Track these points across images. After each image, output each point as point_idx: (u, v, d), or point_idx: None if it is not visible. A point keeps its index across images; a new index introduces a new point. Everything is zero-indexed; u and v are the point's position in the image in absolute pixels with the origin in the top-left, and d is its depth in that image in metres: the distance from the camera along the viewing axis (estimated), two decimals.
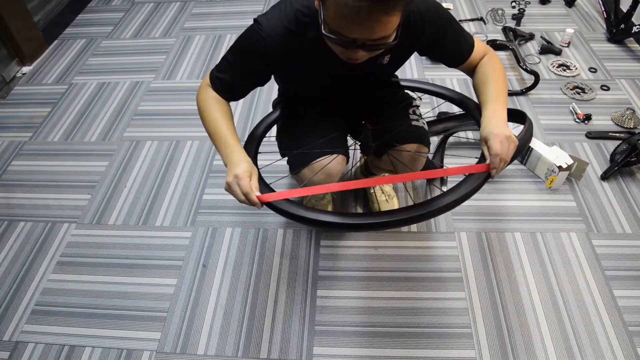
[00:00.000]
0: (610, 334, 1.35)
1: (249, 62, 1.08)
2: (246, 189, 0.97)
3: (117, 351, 1.38)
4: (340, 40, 0.88)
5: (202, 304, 1.48)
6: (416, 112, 1.38)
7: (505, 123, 1.02)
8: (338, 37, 0.88)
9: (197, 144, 2.03)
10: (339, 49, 0.93)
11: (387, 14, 0.81)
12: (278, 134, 1.41)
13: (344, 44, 0.89)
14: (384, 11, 0.81)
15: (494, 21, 2.69)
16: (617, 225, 1.62)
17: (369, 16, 0.81)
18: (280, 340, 1.38)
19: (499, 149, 0.96)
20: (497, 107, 1.04)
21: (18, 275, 1.60)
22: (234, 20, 2.85)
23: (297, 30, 1.03)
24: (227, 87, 1.12)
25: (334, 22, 0.86)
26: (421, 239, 1.62)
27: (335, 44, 0.91)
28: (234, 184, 0.98)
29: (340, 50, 0.94)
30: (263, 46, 1.04)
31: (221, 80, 1.12)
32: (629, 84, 2.20)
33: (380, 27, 0.84)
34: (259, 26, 1.03)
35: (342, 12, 0.82)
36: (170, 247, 1.65)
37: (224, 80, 1.11)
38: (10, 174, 1.98)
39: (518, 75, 2.28)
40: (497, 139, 0.97)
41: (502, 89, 1.09)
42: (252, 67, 1.09)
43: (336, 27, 0.86)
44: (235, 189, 0.98)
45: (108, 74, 2.50)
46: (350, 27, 0.84)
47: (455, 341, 1.35)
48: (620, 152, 1.79)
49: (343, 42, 0.88)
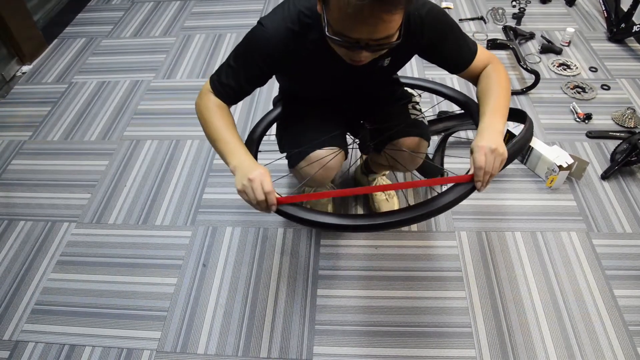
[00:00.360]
0: (610, 333, 1.35)
1: (252, 63, 1.08)
2: (268, 189, 0.95)
3: (117, 350, 1.38)
4: (344, 42, 0.89)
5: (202, 303, 1.48)
6: (416, 107, 1.39)
7: (500, 136, 0.99)
8: (342, 39, 0.88)
9: (197, 143, 2.03)
10: (343, 50, 0.94)
11: (389, 12, 0.82)
12: (278, 131, 1.41)
13: (347, 45, 0.89)
14: (386, 10, 0.81)
15: (494, 20, 2.68)
16: (618, 225, 1.62)
17: (371, 15, 0.81)
18: (280, 340, 1.38)
19: (483, 162, 0.95)
20: (493, 120, 1.02)
21: (18, 274, 1.60)
22: (234, 19, 2.85)
23: (300, 31, 1.03)
24: (229, 91, 1.11)
25: (337, 24, 0.86)
26: (421, 238, 1.62)
27: (339, 45, 0.92)
28: (248, 187, 0.96)
29: (344, 52, 0.94)
30: (267, 46, 1.04)
31: (223, 84, 1.11)
32: (630, 83, 2.20)
33: (383, 26, 0.84)
34: (262, 27, 1.04)
35: (345, 13, 0.83)
36: (171, 246, 1.65)
37: (226, 84, 1.10)
38: (10, 173, 1.98)
39: (518, 75, 2.28)
40: (481, 151, 0.95)
41: (503, 100, 1.06)
42: (256, 68, 1.09)
43: (339, 29, 0.87)
44: (250, 191, 0.96)
45: (108, 73, 2.50)
46: (354, 27, 0.85)
47: (455, 340, 1.35)
48: (621, 152, 1.79)
49: (347, 43, 0.89)
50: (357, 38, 0.87)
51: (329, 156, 1.27)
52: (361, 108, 1.41)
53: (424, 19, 1.05)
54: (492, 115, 1.03)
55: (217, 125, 1.08)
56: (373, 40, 0.87)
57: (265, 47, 1.04)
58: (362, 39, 0.87)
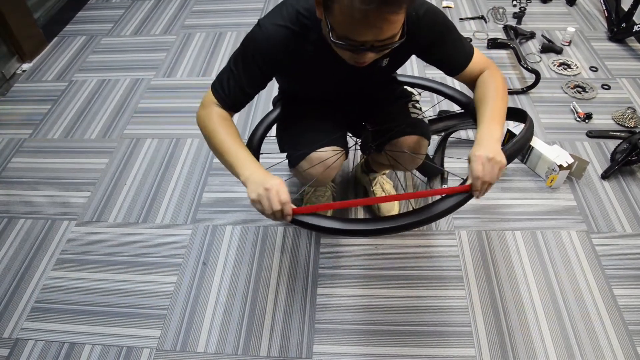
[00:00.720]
0: (610, 332, 1.35)
1: (253, 65, 1.06)
2: (285, 199, 0.94)
3: (117, 348, 1.38)
4: (349, 45, 0.88)
5: (202, 302, 1.48)
6: (416, 106, 1.39)
7: (498, 143, 0.98)
8: (347, 43, 0.88)
9: (197, 141, 2.03)
10: (347, 54, 0.93)
11: (395, 12, 0.82)
12: (278, 131, 1.41)
13: (353, 48, 0.89)
14: (392, 11, 0.81)
15: (495, 20, 2.68)
16: (618, 225, 1.62)
17: (378, 17, 0.81)
18: (280, 338, 1.38)
19: (480, 171, 0.95)
20: (490, 128, 1.01)
21: (18, 272, 1.60)
22: (234, 18, 2.85)
23: (300, 32, 1.03)
24: (232, 96, 1.09)
25: (342, 28, 0.86)
26: (421, 237, 1.62)
27: (344, 49, 0.91)
28: (264, 197, 0.94)
29: (349, 55, 0.94)
30: (267, 47, 1.04)
31: (225, 89, 1.09)
32: (630, 83, 2.20)
33: (389, 26, 0.84)
34: (261, 28, 1.03)
35: (350, 17, 0.82)
36: (171, 244, 1.65)
37: (228, 89, 1.08)
38: (10, 171, 1.98)
39: (519, 74, 2.28)
40: (478, 161, 0.95)
41: (500, 107, 1.06)
42: (256, 69, 1.07)
43: (345, 33, 0.87)
44: (266, 201, 0.94)
45: (108, 71, 2.49)
46: (360, 30, 0.85)
47: (455, 339, 1.35)
48: (621, 151, 1.79)
49: (352, 46, 0.89)
50: (363, 41, 0.87)
51: (330, 156, 1.27)
52: (361, 108, 1.40)
53: (421, 19, 1.05)
54: (489, 123, 1.02)
55: (222, 138, 1.05)
56: (378, 42, 0.87)
57: (266, 47, 1.04)
58: (368, 42, 0.87)
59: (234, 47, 2.58)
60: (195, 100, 2.26)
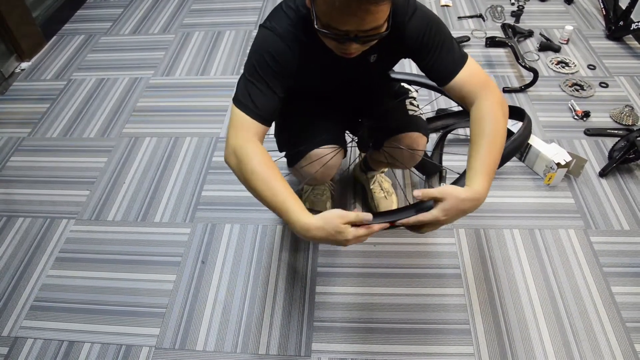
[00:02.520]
0: (607, 330, 1.35)
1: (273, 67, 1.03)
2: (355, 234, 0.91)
3: (116, 347, 1.39)
4: (333, 34, 0.90)
5: (201, 300, 1.48)
6: (413, 103, 1.39)
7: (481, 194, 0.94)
8: (331, 31, 0.90)
9: (196, 140, 2.03)
10: (333, 43, 0.95)
11: (375, 3, 0.83)
12: (276, 131, 1.41)
13: (337, 37, 0.91)
14: (373, 1, 0.83)
15: (493, 18, 2.68)
16: (615, 222, 1.63)
17: (359, 7, 0.83)
18: (279, 336, 1.39)
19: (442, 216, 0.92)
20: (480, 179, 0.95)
21: (17, 270, 1.60)
22: (233, 17, 2.85)
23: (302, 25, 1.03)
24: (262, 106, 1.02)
25: (326, 16, 0.88)
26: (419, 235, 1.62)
27: (328, 38, 0.93)
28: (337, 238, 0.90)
29: (335, 45, 0.96)
30: (280, 46, 1.02)
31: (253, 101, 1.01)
32: (628, 81, 2.21)
33: (370, 17, 0.86)
34: (268, 29, 1.03)
35: (332, 6, 0.85)
36: (169, 243, 1.65)
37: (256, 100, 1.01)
38: (9, 170, 1.98)
39: (517, 72, 2.28)
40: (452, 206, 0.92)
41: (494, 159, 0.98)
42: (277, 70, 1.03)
43: (328, 21, 0.89)
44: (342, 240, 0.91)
45: (107, 70, 2.49)
46: (342, 19, 0.87)
47: (453, 337, 1.36)
48: (619, 149, 1.80)
49: (336, 35, 0.90)
50: (345, 30, 0.89)
51: (329, 154, 1.27)
52: (358, 105, 1.40)
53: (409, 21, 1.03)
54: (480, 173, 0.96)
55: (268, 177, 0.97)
56: (362, 32, 0.89)
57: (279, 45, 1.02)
58: (351, 31, 0.89)
59: (232, 46, 2.58)
60: (194, 99, 2.26)
